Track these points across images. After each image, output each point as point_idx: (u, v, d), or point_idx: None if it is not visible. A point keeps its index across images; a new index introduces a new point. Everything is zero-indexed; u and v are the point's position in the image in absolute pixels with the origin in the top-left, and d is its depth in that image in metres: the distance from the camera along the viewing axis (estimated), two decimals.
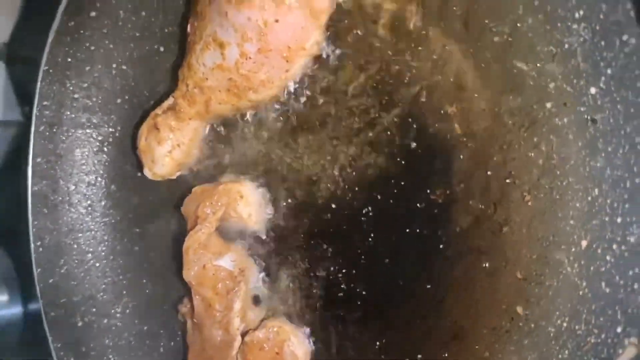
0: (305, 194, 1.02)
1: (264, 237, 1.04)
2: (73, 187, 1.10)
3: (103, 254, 1.12)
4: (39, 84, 1.02)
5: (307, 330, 1.02)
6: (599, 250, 0.80)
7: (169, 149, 1.03)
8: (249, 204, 1.01)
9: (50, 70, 1.04)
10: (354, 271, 0.99)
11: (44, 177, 1.07)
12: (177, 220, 1.08)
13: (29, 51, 1.23)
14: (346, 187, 0.98)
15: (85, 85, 1.08)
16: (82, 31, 1.03)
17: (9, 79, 1.24)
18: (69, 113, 1.09)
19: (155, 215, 1.11)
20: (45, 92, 1.03)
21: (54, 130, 1.08)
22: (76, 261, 1.11)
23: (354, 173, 0.97)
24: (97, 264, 1.11)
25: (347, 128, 0.97)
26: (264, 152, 1.03)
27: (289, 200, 1.03)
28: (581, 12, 0.75)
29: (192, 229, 1.01)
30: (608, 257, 0.78)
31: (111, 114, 1.10)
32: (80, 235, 1.11)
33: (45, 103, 1.04)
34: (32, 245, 1.04)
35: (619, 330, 0.79)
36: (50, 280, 1.06)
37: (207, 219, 0.99)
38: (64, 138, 1.10)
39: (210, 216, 0.99)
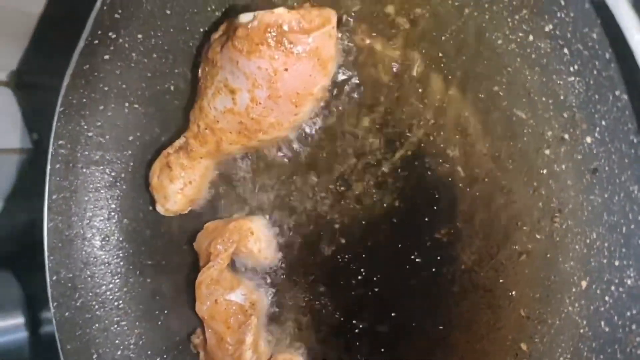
0: (312, 232, 1.05)
1: (273, 271, 1.04)
2: (87, 222, 1.13)
3: (117, 286, 1.15)
4: (54, 124, 1.06)
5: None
6: (598, 291, 0.83)
7: (181, 186, 1.06)
8: (259, 240, 1.04)
9: (66, 111, 1.07)
10: (360, 307, 1.01)
11: (59, 213, 1.11)
12: (189, 254, 1.11)
13: (38, 78, 1.26)
14: (352, 225, 1.02)
15: (99, 124, 1.11)
16: (96, 73, 1.07)
17: (18, 105, 1.26)
18: (83, 151, 1.12)
19: (167, 249, 1.13)
20: (60, 132, 1.07)
21: (69, 166, 1.11)
22: (91, 294, 1.14)
23: (360, 212, 1.00)
24: (111, 297, 1.14)
25: (352, 168, 1.00)
26: (271, 192, 1.05)
27: (297, 239, 1.06)
28: (575, 67, 0.78)
29: (204, 265, 1.04)
30: (607, 298, 0.82)
31: (124, 150, 1.13)
32: (94, 268, 1.14)
33: (60, 142, 1.08)
34: (48, 280, 1.07)
35: None
36: (67, 314, 1.09)
37: (219, 255, 1.03)
38: (78, 175, 1.13)
39: (222, 253, 1.02)
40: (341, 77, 0.97)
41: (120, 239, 1.16)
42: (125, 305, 1.14)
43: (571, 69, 0.79)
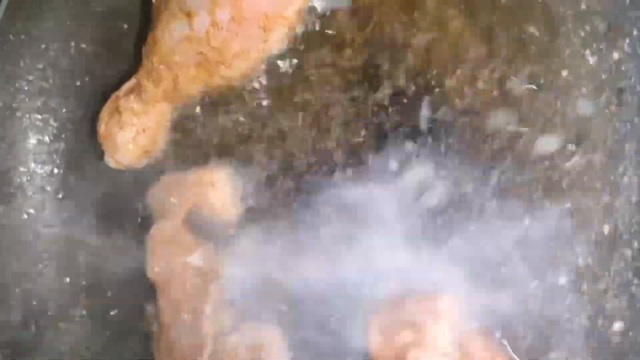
0: (281, 182, 0.95)
1: (235, 231, 0.92)
2: (27, 179, 0.97)
3: (61, 252, 1.01)
4: None
5: (286, 335, 0.89)
6: None
7: (133, 135, 0.94)
8: (221, 193, 0.91)
9: (2, 50, 0.95)
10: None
11: None
12: (142, 214, 0.97)
13: None
14: (327, 170, 0.92)
15: (41, 66, 0.99)
16: (36, 6, 0.95)
17: None
18: (23, 97, 1.00)
19: (118, 210, 0.97)
20: None
21: (7, 114, 0.99)
22: (31, 261, 0.99)
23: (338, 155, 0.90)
24: (54, 263, 0.99)
25: (331, 106, 0.91)
26: (237, 140, 0.95)
27: (264, 191, 0.94)
28: None
29: None
30: None
31: (69, 97, 1.01)
32: (36, 230, 0.99)
33: None
34: None
35: None
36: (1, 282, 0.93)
37: (174, 209, 0.87)
38: (17, 124, 1.00)
39: (179, 207, 0.88)
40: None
41: (65, 197, 0.99)
42: (70, 273, 1.01)
43: None
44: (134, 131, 0.93)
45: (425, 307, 0.77)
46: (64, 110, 1.01)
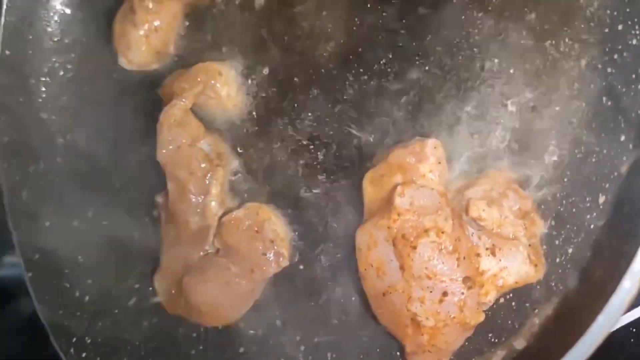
0: (289, 76, 0.97)
1: (242, 122, 0.95)
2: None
3: (68, 152, 1.04)
4: None
5: (289, 216, 0.92)
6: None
7: (146, 33, 0.98)
8: (228, 83, 0.96)
9: None
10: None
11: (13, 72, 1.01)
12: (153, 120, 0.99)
13: None
14: (340, 62, 0.95)
15: None
16: None
17: None
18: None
19: (130, 113, 1.02)
20: None
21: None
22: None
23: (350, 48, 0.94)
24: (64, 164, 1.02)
25: None
26: (246, 35, 0.99)
27: (271, 85, 0.98)
28: None
29: None
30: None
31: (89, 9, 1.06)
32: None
33: None
34: None
35: (622, 139, 0.72)
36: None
37: (183, 93, 0.92)
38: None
39: (187, 91, 0.93)
40: None
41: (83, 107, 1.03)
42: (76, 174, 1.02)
43: None
44: (147, 28, 0.98)
45: (412, 151, 0.80)
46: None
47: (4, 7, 0.98)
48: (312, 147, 0.95)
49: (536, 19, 0.83)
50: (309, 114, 0.96)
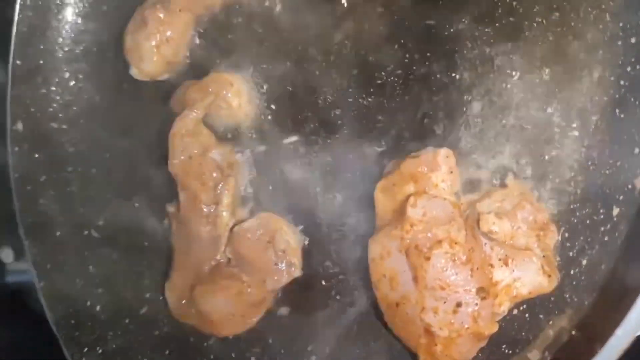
0: (299, 86, 0.99)
1: (253, 132, 0.95)
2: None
3: (79, 161, 1.05)
4: None
5: (301, 226, 0.93)
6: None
7: (157, 43, 0.98)
8: (239, 94, 0.97)
9: None
10: None
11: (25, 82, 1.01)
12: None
13: None
14: (348, 76, 0.96)
15: None
16: None
17: None
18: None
19: (141, 123, 1.02)
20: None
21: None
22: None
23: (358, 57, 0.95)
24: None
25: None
26: (256, 46, 0.99)
27: (283, 94, 0.98)
28: None
29: None
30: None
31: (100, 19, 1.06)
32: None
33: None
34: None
35: (636, 151, 0.73)
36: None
37: (195, 105, 0.93)
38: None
39: (199, 102, 0.93)
40: None
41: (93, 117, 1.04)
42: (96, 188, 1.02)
43: None
44: (158, 39, 0.99)
45: (424, 160, 0.81)
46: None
47: (16, 17, 0.97)
48: (322, 156, 0.95)
49: (553, 36, 0.81)
50: (320, 124, 0.95)
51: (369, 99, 0.94)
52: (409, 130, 0.91)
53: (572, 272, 0.81)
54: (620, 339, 0.62)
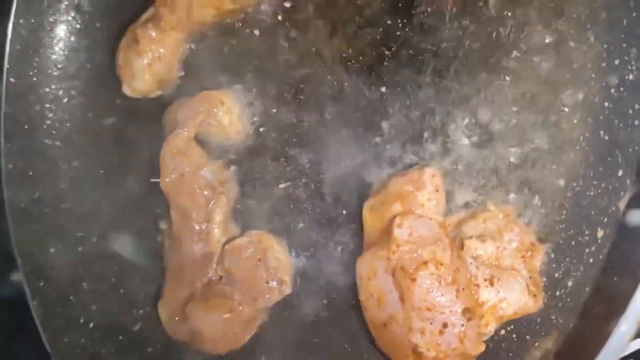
0: (289, 104, 0.99)
1: (244, 149, 0.96)
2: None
3: (73, 178, 1.05)
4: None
5: (291, 244, 0.93)
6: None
7: (149, 61, 0.99)
8: (230, 111, 0.97)
9: None
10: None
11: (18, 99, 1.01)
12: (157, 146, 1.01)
13: None
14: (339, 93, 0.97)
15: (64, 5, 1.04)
16: None
17: None
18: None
19: (134, 139, 1.03)
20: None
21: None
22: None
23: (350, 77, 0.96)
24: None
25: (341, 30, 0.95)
26: (246, 63, 1.00)
27: (274, 111, 0.98)
28: None
29: None
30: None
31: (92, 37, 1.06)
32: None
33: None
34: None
35: (620, 173, 0.73)
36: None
37: (186, 123, 0.94)
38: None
39: (190, 120, 0.94)
40: None
41: (84, 135, 1.05)
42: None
43: None
44: (150, 57, 0.99)
45: (410, 179, 0.81)
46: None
47: (9, 35, 0.98)
48: (314, 174, 0.96)
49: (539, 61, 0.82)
50: (311, 142, 0.96)
51: (360, 115, 0.92)
52: (399, 149, 0.89)
53: (557, 293, 0.81)
54: None
